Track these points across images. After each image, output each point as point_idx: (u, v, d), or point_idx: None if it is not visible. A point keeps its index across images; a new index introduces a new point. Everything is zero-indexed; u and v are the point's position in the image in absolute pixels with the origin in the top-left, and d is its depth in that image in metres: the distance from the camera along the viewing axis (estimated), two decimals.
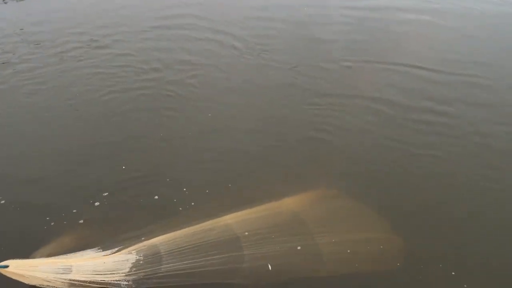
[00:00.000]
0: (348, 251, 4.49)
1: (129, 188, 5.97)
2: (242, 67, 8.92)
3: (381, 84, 8.15)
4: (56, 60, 9.21)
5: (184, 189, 5.90)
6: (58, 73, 8.77)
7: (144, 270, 4.05)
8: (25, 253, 4.57)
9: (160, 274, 4.07)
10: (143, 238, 4.81)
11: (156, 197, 5.85)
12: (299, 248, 4.46)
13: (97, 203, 5.76)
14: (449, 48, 9.44)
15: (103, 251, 4.28)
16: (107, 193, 5.84)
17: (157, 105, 7.84)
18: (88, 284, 3.79)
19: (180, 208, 5.59)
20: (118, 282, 3.84)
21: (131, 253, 4.15)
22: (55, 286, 3.73)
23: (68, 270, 3.73)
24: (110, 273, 3.90)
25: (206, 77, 8.64)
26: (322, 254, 4.38)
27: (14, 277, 3.80)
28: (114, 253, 4.19)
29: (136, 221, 5.35)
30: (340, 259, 4.39)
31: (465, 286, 4.44)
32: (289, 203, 5.06)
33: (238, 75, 8.67)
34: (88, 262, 3.91)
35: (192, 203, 5.63)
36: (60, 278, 3.69)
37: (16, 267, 3.68)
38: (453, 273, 4.67)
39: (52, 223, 5.40)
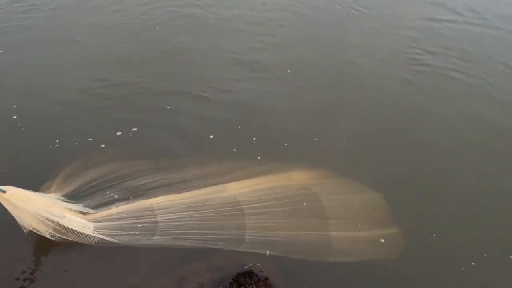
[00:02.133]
0: (355, 233, 3.83)
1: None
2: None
3: None
4: None
5: (254, 139, 4.47)
6: None
7: (136, 232, 3.69)
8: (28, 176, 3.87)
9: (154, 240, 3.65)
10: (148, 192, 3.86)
11: (212, 136, 4.49)
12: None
13: (119, 133, 4.48)
14: None
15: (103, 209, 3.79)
16: (136, 129, 4.54)
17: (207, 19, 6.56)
18: (72, 231, 3.51)
19: (235, 149, 4.23)
20: (107, 239, 3.58)
21: (127, 212, 3.79)
22: (37, 228, 3.43)
23: (62, 216, 3.52)
24: (102, 231, 3.61)
25: None
26: (328, 235, 3.85)
27: (5, 205, 3.38)
28: (109, 209, 3.79)
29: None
30: (346, 240, 3.83)
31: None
32: (299, 177, 4.30)
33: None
34: (82, 219, 3.60)
35: (258, 157, 4.23)
36: (50, 220, 3.47)
37: (13, 195, 3.36)
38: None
39: (56, 145, 4.29)
